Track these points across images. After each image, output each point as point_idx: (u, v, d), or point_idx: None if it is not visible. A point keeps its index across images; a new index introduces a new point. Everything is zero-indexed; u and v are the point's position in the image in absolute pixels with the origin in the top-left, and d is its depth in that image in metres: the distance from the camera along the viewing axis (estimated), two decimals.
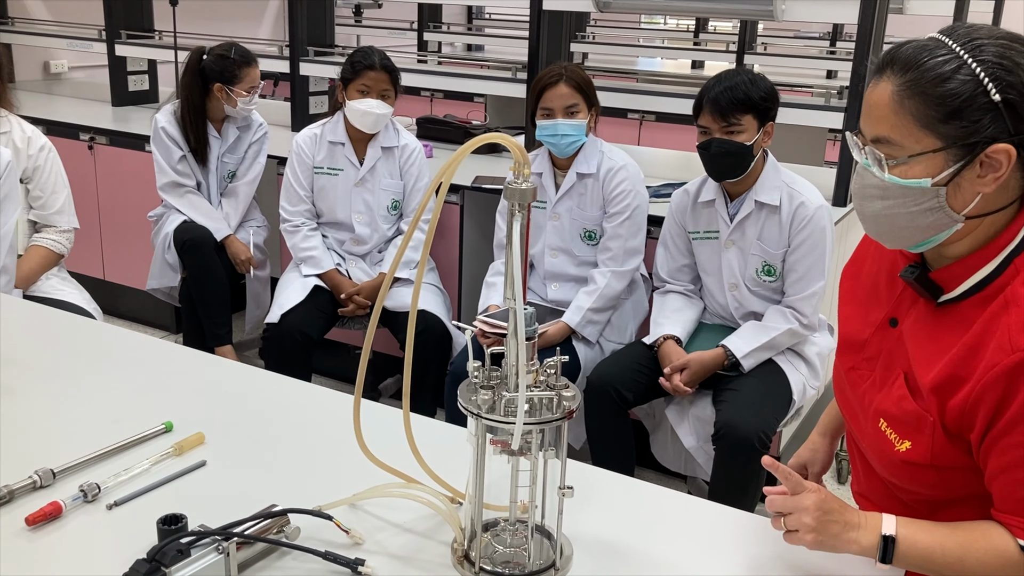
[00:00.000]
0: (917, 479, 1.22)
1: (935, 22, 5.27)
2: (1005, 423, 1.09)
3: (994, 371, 1.08)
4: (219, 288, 3.31)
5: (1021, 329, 1.08)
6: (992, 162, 1.09)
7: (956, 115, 1.07)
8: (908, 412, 1.20)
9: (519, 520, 1.23)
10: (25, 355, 1.82)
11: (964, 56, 1.07)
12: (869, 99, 1.14)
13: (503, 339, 1.14)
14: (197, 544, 1.13)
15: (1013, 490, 1.12)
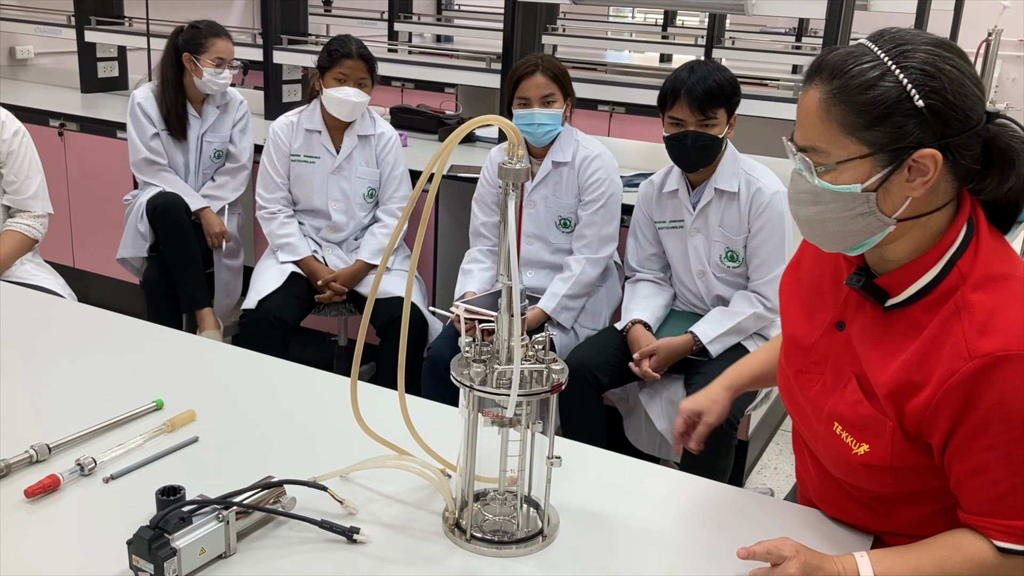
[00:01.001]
0: (875, 479, 1.23)
1: (898, 19, 5.38)
2: (971, 429, 1.11)
3: (954, 378, 1.10)
4: (192, 251, 3.29)
5: (977, 335, 1.10)
6: (920, 167, 1.10)
7: (881, 121, 1.08)
8: (865, 416, 1.21)
9: (508, 490, 1.28)
10: (8, 336, 1.83)
11: (889, 63, 1.09)
12: (799, 107, 1.15)
13: (475, 324, 1.19)
14: (197, 513, 1.16)
15: (983, 492, 1.14)
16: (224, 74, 3.35)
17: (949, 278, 1.15)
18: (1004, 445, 1.10)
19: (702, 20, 8.93)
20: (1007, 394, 1.08)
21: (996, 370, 1.08)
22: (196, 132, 3.41)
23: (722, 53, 6.09)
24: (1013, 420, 1.08)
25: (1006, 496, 1.12)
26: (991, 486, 1.12)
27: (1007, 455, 1.10)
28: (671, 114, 2.44)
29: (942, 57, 1.09)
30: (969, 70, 1.10)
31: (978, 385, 1.09)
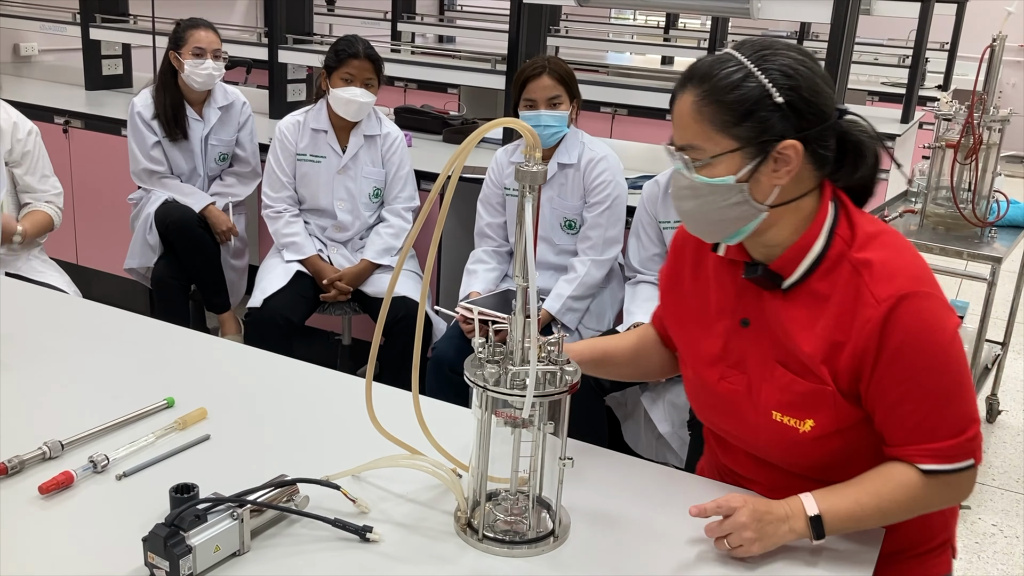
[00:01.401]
0: (825, 449, 1.30)
1: (901, 23, 5.40)
2: (885, 366, 1.22)
3: (869, 325, 1.22)
4: (210, 260, 3.32)
5: (878, 283, 1.22)
6: (784, 157, 1.22)
7: (747, 117, 1.20)
8: (802, 394, 1.28)
9: (519, 491, 1.29)
10: (19, 333, 1.84)
11: (751, 66, 1.21)
12: (675, 111, 1.27)
13: (485, 325, 1.20)
14: (212, 511, 1.17)
15: (903, 422, 1.25)
16: (206, 64, 3.29)
17: (834, 246, 1.27)
18: (915, 375, 1.22)
19: (703, 23, 8.95)
20: (910, 328, 1.21)
21: (899, 309, 1.21)
22: (199, 135, 3.40)
23: None
24: (918, 351, 1.22)
25: (922, 422, 1.24)
26: (909, 416, 1.24)
27: (919, 384, 1.22)
28: None
29: (797, 60, 1.22)
30: (820, 72, 1.24)
31: (886, 325, 1.21)
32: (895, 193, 4.26)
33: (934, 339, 1.22)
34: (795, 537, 1.24)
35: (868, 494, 1.26)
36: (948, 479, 1.26)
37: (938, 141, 3.10)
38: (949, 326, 1.24)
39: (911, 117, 5.29)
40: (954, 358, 1.24)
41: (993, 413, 3.65)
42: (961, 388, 1.25)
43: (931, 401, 1.23)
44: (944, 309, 1.24)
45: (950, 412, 1.25)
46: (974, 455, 1.26)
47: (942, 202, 3.13)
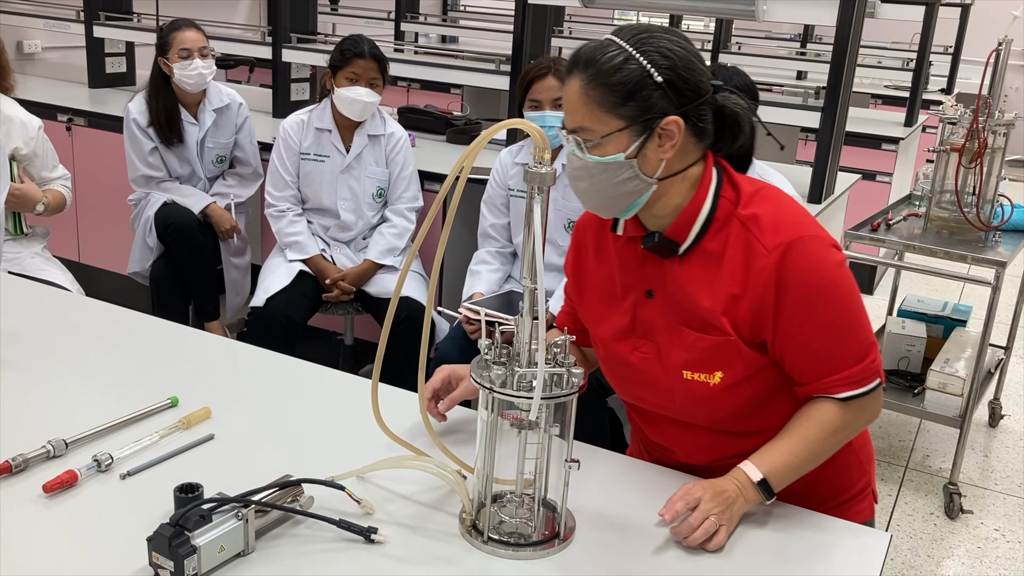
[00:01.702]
0: (737, 398, 1.38)
1: (906, 26, 5.40)
2: (787, 312, 1.31)
3: (764, 274, 1.30)
4: (205, 267, 3.32)
5: (767, 234, 1.32)
6: (667, 132, 1.30)
7: (631, 97, 1.27)
8: (707, 348, 1.36)
9: (524, 492, 1.28)
10: (22, 330, 1.83)
11: (631, 50, 1.28)
12: (565, 97, 1.33)
13: (490, 326, 1.20)
14: (217, 511, 1.16)
15: (813, 359, 1.34)
16: (194, 64, 3.25)
17: (720, 207, 1.36)
18: (816, 313, 1.31)
19: (707, 24, 8.94)
20: (803, 270, 1.30)
21: (790, 254, 1.30)
22: (194, 138, 3.38)
23: (728, 58, 6.09)
24: (815, 290, 1.31)
25: (831, 355, 1.33)
26: (817, 352, 1.33)
27: (822, 321, 1.31)
28: None
29: (672, 41, 1.31)
30: (694, 51, 1.32)
31: (781, 272, 1.30)
32: (899, 196, 4.26)
33: (826, 276, 1.32)
34: (750, 506, 1.32)
35: (798, 442, 1.34)
36: (862, 402, 1.36)
37: (943, 145, 3.10)
38: (836, 260, 1.33)
39: (915, 120, 5.29)
40: (847, 289, 1.33)
41: (996, 417, 3.65)
42: (858, 316, 1.35)
43: (835, 333, 1.33)
44: (829, 247, 1.33)
45: (853, 340, 1.34)
46: (878, 375, 1.36)
47: (946, 206, 3.13)
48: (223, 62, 5.40)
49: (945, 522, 2.97)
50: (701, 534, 1.24)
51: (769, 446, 1.35)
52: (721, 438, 1.44)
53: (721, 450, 1.44)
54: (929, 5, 5.03)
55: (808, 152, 4.61)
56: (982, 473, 3.29)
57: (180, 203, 3.32)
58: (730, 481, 1.31)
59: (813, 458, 1.36)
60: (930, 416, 3.07)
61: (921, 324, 3.41)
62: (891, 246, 3.10)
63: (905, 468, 3.30)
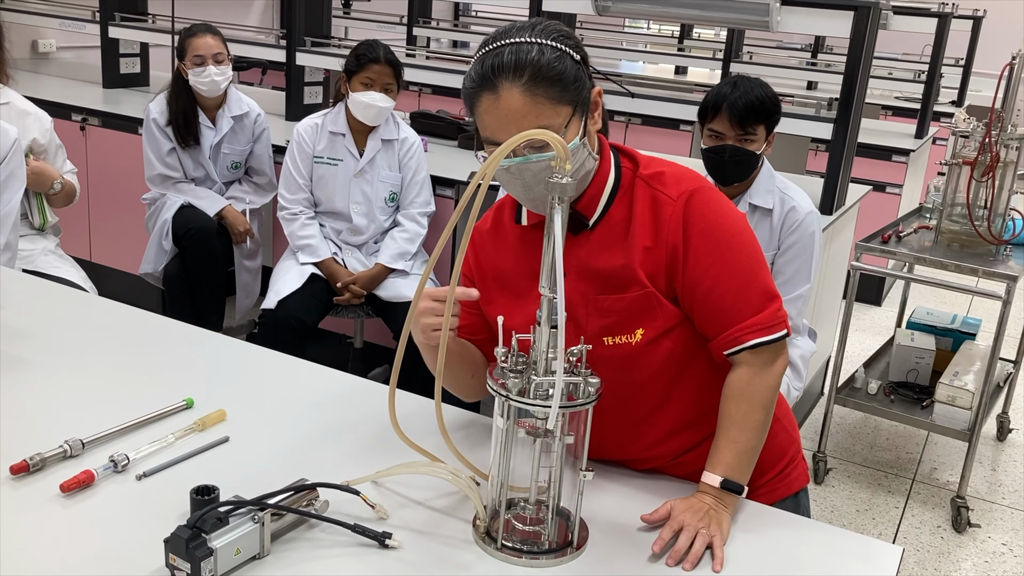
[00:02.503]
0: (658, 354, 1.39)
1: (918, 38, 5.40)
2: (691, 254, 1.34)
3: (672, 221, 1.34)
4: (216, 278, 3.34)
5: (669, 187, 1.36)
6: (595, 103, 1.34)
7: (572, 82, 1.28)
8: (626, 306, 1.37)
9: (538, 500, 1.29)
10: (39, 330, 1.85)
11: (545, 41, 1.28)
12: (501, 111, 1.27)
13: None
14: (233, 514, 1.17)
15: (719, 305, 1.35)
16: (207, 71, 3.27)
17: (624, 176, 1.40)
18: (720, 257, 1.34)
19: (717, 33, 8.95)
20: (707, 215, 1.34)
21: (692, 200, 1.34)
22: (209, 141, 3.40)
23: (740, 67, 6.10)
24: (718, 234, 1.35)
25: (736, 301, 1.35)
26: (723, 297, 1.35)
27: (725, 264, 1.34)
28: (711, 127, 2.45)
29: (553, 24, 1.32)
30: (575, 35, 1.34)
31: (687, 217, 1.34)
32: (909, 208, 4.25)
33: (728, 222, 1.36)
34: (732, 510, 1.34)
35: (729, 426, 1.36)
36: (772, 350, 1.37)
37: (954, 158, 3.10)
38: (735, 211, 1.40)
39: (925, 132, 5.29)
40: (748, 238, 1.38)
41: (1003, 431, 3.65)
42: (759, 264, 1.38)
43: (739, 279, 1.35)
44: (726, 199, 1.40)
45: (756, 286, 1.37)
46: (785, 325, 1.38)
47: (957, 219, 3.13)
48: (236, 64, 5.42)
49: (952, 536, 2.96)
50: (698, 548, 1.25)
51: (712, 448, 1.37)
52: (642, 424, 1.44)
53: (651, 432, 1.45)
54: (941, 17, 5.03)
55: (818, 163, 4.61)
56: (990, 487, 3.29)
57: (196, 205, 3.33)
58: (702, 496, 1.34)
59: (751, 433, 1.36)
60: (938, 429, 3.07)
61: (930, 337, 3.41)
62: (902, 258, 3.10)
63: (912, 480, 3.30)
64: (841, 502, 3.11)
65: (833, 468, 3.31)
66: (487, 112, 1.28)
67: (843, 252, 3.61)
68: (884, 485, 3.25)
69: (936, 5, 5.08)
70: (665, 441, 1.45)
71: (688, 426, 1.45)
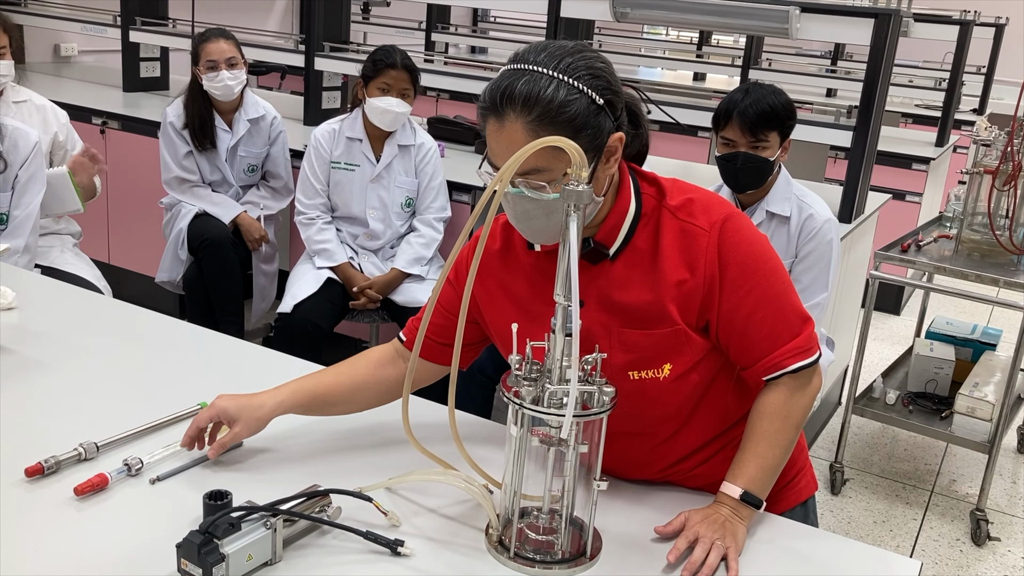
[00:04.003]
0: (685, 387, 1.37)
1: (939, 45, 5.35)
2: (728, 283, 1.31)
3: (708, 252, 1.31)
4: (234, 287, 3.35)
5: (699, 217, 1.32)
6: (611, 149, 1.27)
7: (583, 128, 1.22)
8: (653, 343, 1.34)
9: (552, 509, 1.28)
10: (55, 331, 1.86)
11: (566, 79, 1.21)
12: (502, 140, 1.22)
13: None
14: (246, 519, 1.17)
15: (758, 333, 1.33)
16: (220, 76, 3.27)
17: (645, 204, 1.35)
18: (756, 285, 1.32)
19: (736, 40, 8.92)
20: (740, 243, 1.32)
21: (726, 229, 1.31)
22: (226, 144, 3.41)
23: (758, 74, 6.07)
24: (752, 261, 1.32)
25: (774, 327, 1.33)
26: (761, 324, 1.33)
27: (762, 292, 1.32)
28: (724, 134, 2.44)
29: (592, 56, 1.25)
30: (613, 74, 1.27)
31: (721, 247, 1.31)
32: (928, 216, 4.22)
33: (760, 248, 1.34)
34: (748, 523, 1.32)
35: (758, 442, 1.34)
36: (808, 373, 1.36)
37: (976, 167, 3.07)
38: (763, 237, 1.37)
39: (946, 140, 5.25)
40: (778, 263, 1.36)
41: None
42: (791, 288, 1.37)
43: (775, 304, 1.33)
44: (753, 224, 1.38)
45: (791, 310, 1.35)
46: (818, 348, 1.37)
47: (978, 228, 3.10)
48: (254, 68, 5.45)
49: (972, 549, 2.93)
50: (714, 559, 1.24)
51: (736, 459, 1.36)
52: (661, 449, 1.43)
53: (671, 455, 1.44)
54: (963, 24, 4.99)
55: (837, 170, 4.58)
56: (1010, 499, 3.25)
57: (212, 212, 3.34)
58: (718, 507, 1.33)
59: (779, 451, 1.35)
60: (958, 440, 3.04)
61: (950, 347, 3.37)
62: (921, 267, 3.07)
63: (931, 492, 3.26)
64: (858, 513, 3.08)
65: (850, 479, 3.28)
66: (491, 136, 1.24)
67: (862, 261, 3.58)
68: (902, 497, 3.22)
69: (958, 12, 5.05)
70: (683, 461, 1.44)
71: (706, 445, 1.44)
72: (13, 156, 2.50)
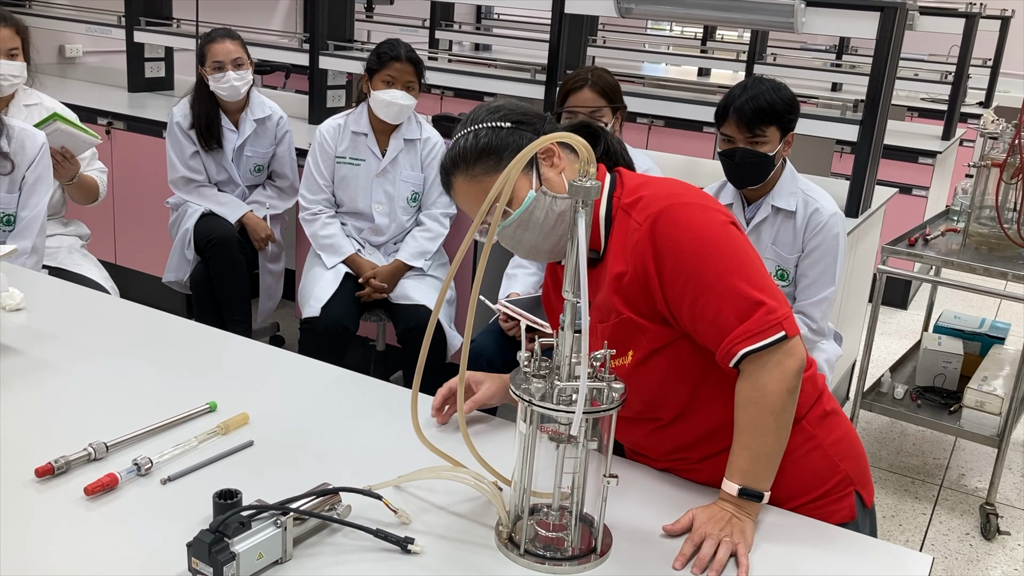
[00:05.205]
0: (654, 372, 1.41)
1: (945, 39, 5.33)
2: (665, 276, 1.35)
3: (639, 247, 1.36)
4: (240, 286, 3.35)
5: (640, 212, 1.38)
6: (546, 152, 1.41)
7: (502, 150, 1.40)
8: (610, 332, 1.41)
9: (562, 506, 1.28)
10: (63, 332, 1.86)
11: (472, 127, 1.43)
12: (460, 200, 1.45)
13: (529, 332, 1.19)
14: (256, 518, 1.17)
15: (704, 320, 1.34)
16: (226, 76, 3.27)
17: (613, 206, 1.43)
18: (691, 273, 1.33)
19: (740, 35, 8.91)
20: (671, 234, 1.35)
21: (659, 222, 1.35)
22: (232, 144, 3.41)
23: (763, 69, 6.06)
24: (685, 251, 1.34)
25: (719, 313, 1.33)
26: (705, 311, 1.34)
27: (699, 280, 1.33)
28: (723, 130, 2.44)
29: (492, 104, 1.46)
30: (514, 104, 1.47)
31: (654, 240, 1.35)
32: (935, 210, 4.21)
33: (697, 236, 1.35)
34: (754, 518, 1.33)
35: (743, 435, 1.35)
36: (773, 353, 1.33)
37: (983, 160, 3.06)
38: (708, 222, 1.36)
39: (952, 134, 5.23)
40: (723, 248, 1.35)
41: None
42: (739, 272, 1.34)
43: (716, 291, 1.33)
44: (704, 209, 1.38)
45: (735, 295, 1.33)
46: (781, 327, 1.33)
47: (986, 222, 3.09)
48: (259, 68, 5.44)
49: (981, 543, 2.92)
50: (722, 556, 1.25)
51: (729, 458, 1.37)
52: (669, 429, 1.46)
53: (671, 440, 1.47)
54: (968, 17, 4.97)
55: (843, 165, 4.57)
56: (1019, 494, 3.24)
57: (218, 212, 3.34)
58: (722, 504, 1.34)
59: (764, 438, 1.34)
60: (966, 435, 3.03)
61: (958, 341, 3.36)
62: (929, 261, 3.06)
63: (940, 487, 3.25)
64: None
65: None
66: (453, 196, 1.46)
67: (869, 255, 3.57)
68: (911, 491, 3.21)
69: (963, 5, 5.03)
70: (688, 448, 1.45)
71: (712, 434, 1.44)
72: (20, 157, 2.51)
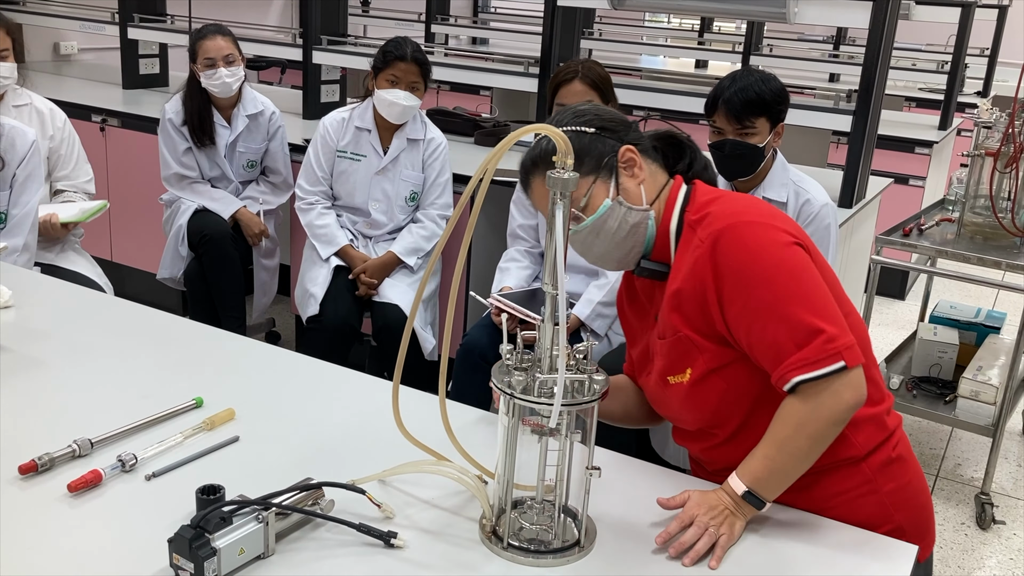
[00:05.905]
0: (711, 392, 1.40)
1: (940, 28, 5.31)
2: (725, 296, 1.34)
3: (699, 265, 1.35)
4: (234, 282, 3.34)
5: (704, 229, 1.37)
6: (627, 161, 1.43)
7: (582, 155, 1.39)
8: (669, 350, 1.42)
9: (545, 499, 1.28)
10: (52, 329, 1.86)
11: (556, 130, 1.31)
12: (535, 197, 1.46)
13: (522, 324, 1.19)
14: (237, 513, 1.17)
15: (762, 343, 1.32)
16: (218, 73, 3.26)
17: (684, 221, 1.43)
18: (751, 297, 1.32)
19: (738, 26, 8.87)
20: (731, 254, 1.33)
21: (721, 241, 1.34)
22: (225, 140, 3.40)
23: (760, 60, 6.04)
24: (745, 272, 1.32)
25: (776, 338, 1.31)
26: (763, 335, 1.32)
27: (758, 305, 1.31)
28: (712, 122, 2.43)
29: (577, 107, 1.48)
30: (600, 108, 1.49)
31: (715, 260, 1.34)
32: (932, 200, 4.20)
33: (754, 258, 1.33)
34: (747, 519, 1.32)
35: (770, 445, 1.32)
36: (821, 386, 1.29)
37: (977, 149, 3.05)
38: (772, 242, 1.34)
39: (949, 124, 5.21)
40: (783, 270, 1.32)
41: None
42: (798, 298, 1.31)
43: (775, 316, 1.30)
44: (766, 229, 1.35)
45: (793, 322, 1.30)
46: (840, 357, 1.29)
47: (980, 211, 3.08)
48: (254, 63, 5.44)
49: (977, 532, 2.92)
50: (702, 546, 1.24)
51: (749, 455, 1.34)
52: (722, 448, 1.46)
53: (724, 459, 1.45)
54: (965, 6, 4.96)
55: (839, 155, 4.56)
56: (1015, 483, 3.24)
57: (211, 208, 3.34)
58: (722, 495, 1.32)
59: (789, 459, 1.31)
60: (962, 424, 3.03)
61: (953, 331, 3.36)
62: (924, 251, 3.05)
63: (936, 477, 3.25)
64: None
65: None
66: (531, 195, 1.47)
67: (864, 246, 3.56)
68: None
69: None
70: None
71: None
72: (11, 155, 2.50)
